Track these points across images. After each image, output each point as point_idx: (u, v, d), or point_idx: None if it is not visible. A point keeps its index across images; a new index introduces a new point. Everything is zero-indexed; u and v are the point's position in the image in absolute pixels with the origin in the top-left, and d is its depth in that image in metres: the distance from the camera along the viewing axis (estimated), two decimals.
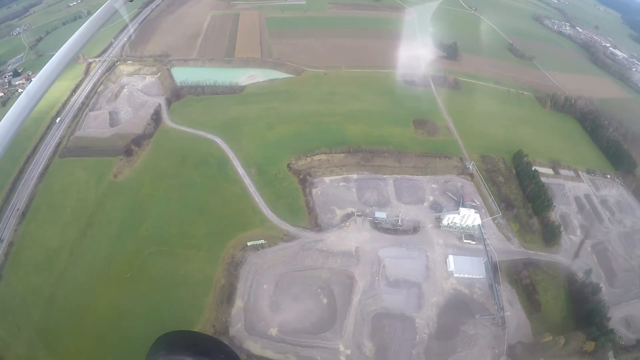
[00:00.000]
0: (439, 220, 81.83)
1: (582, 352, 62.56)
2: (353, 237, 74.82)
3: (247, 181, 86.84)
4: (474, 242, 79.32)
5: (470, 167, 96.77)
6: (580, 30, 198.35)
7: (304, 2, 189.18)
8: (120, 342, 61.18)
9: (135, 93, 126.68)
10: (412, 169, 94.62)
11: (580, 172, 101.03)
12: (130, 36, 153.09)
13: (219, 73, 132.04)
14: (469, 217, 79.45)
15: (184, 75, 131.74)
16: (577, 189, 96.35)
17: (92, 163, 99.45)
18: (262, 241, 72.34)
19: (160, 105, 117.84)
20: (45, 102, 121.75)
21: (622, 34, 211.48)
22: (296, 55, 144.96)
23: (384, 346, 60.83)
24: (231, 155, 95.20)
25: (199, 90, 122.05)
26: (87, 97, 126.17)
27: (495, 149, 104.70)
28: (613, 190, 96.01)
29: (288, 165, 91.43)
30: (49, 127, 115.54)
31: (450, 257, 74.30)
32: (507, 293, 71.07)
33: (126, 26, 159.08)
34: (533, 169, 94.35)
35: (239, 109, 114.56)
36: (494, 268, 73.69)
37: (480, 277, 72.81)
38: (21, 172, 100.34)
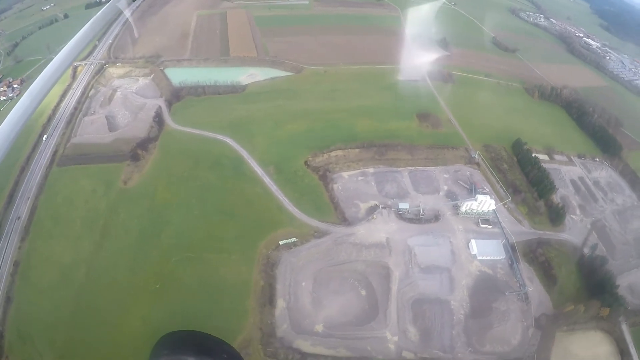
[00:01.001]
0: (456, 207, 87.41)
1: (598, 318, 70.05)
2: (382, 229, 78.52)
3: (267, 180, 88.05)
4: (490, 226, 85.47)
5: (476, 157, 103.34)
6: (555, 21, 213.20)
7: (307, 2, 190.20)
8: None
9: (130, 96, 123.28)
10: (424, 161, 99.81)
11: (572, 157, 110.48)
12: (119, 35, 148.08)
13: (217, 73, 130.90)
14: (484, 203, 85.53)
15: (179, 75, 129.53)
16: (571, 172, 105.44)
17: (96, 170, 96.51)
18: (294, 239, 74.23)
19: (160, 107, 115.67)
20: (40, 108, 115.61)
21: (593, 24, 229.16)
22: (292, 53, 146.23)
23: (427, 329, 65.11)
24: (245, 154, 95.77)
25: (199, 91, 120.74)
26: (78, 101, 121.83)
27: (495, 138, 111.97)
28: (603, 172, 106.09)
29: (305, 162, 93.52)
30: (40, 135, 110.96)
31: (473, 242, 79.90)
32: (525, 271, 77.67)
33: (109, 28, 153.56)
34: (533, 155, 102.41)
35: (244, 108, 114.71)
36: (512, 249, 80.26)
37: (501, 258, 78.90)
38: (16, 184, 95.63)
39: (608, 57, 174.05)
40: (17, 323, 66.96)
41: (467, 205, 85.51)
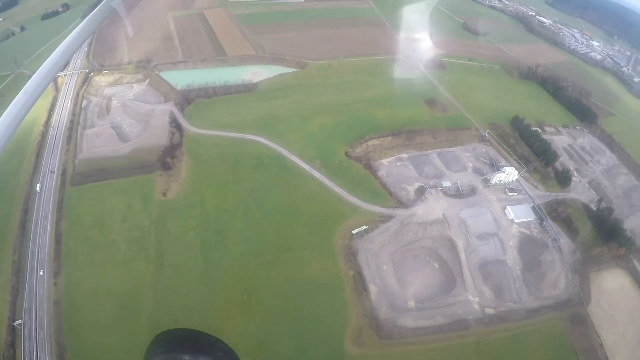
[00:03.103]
0: (486, 181, 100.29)
1: (617, 257, 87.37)
2: (435, 207, 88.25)
3: (317, 174, 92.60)
4: (516, 194, 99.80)
5: (486, 135, 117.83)
6: (507, 2, 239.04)
7: (302, 0, 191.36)
8: None
9: (129, 103, 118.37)
10: (446, 142, 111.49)
11: (558, 128, 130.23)
12: (93, 41, 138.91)
13: (219, 73, 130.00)
14: (510, 174, 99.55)
15: (179, 78, 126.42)
16: (561, 141, 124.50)
17: (123, 185, 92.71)
18: (365, 227, 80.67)
19: (172, 112, 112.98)
20: (23, 126, 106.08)
21: (539, 1, 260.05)
22: (287, 48, 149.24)
23: (497, 287, 76.41)
24: (284, 152, 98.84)
25: (210, 92, 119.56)
26: (73, 114, 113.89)
27: (495, 117, 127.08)
28: (585, 139, 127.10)
29: (346, 154, 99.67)
30: (38, 155, 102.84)
31: (508, 208, 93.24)
32: (553, 227, 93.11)
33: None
34: (533, 129, 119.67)
35: (263, 106, 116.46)
36: (540, 210, 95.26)
37: (532, 219, 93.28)
38: (26, 212, 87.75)
39: (562, 33, 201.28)
40: None
41: (497, 178, 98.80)
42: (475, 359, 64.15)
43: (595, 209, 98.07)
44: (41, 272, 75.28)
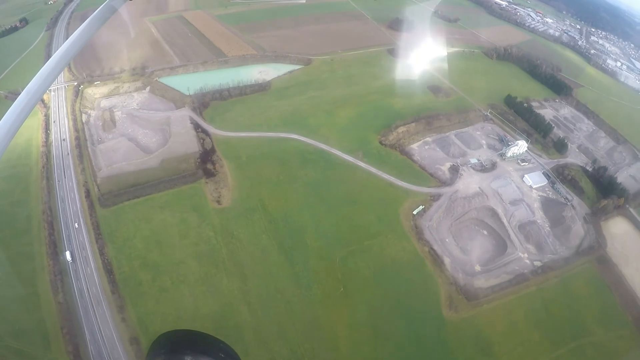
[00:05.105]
0: (502, 155, 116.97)
1: (618, 207, 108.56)
2: (471, 182, 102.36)
3: (362, 164, 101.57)
4: (527, 163, 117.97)
5: (489, 115, 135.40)
6: None
7: (304, 1, 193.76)
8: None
9: (137, 113, 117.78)
10: (458, 124, 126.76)
11: (542, 102, 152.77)
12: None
13: (225, 74, 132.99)
14: (521, 147, 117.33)
15: (185, 83, 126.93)
16: (547, 114, 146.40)
17: (167, 198, 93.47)
18: (422, 207, 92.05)
19: (190, 117, 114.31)
20: (17, 150, 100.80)
21: None
22: (285, 46, 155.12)
23: (537, 243, 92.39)
24: (324, 146, 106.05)
25: (224, 94, 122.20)
26: (76, 130, 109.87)
27: (490, 97, 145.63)
28: (565, 110, 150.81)
29: (380, 142, 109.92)
30: (47, 179, 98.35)
31: (526, 176, 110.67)
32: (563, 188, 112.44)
33: (50, 49, 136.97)
34: (525, 105, 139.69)
35: (284, 103, 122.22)
36: (550, 175, 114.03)
37: (545, 183, 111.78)
38: (54, 244, 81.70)
39: (519, 13, 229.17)
40: None
41: (512, 151, 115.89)
42: (541, 304, 78.64)
43: (591, 169, 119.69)
44: (98, 310, 70.58)
